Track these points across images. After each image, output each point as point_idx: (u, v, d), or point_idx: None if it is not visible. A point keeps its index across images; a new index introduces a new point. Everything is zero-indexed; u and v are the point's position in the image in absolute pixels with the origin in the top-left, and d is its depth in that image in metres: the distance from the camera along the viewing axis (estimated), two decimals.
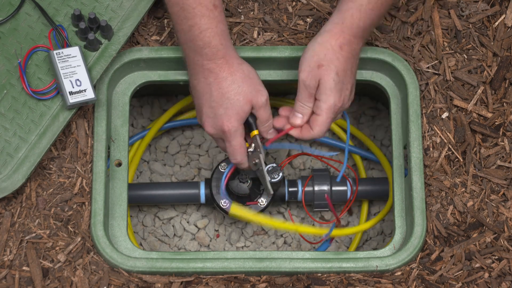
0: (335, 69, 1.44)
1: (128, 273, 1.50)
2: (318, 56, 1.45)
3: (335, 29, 1.45)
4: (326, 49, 1.45)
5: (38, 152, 1.50)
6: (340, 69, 1.45)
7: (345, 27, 1.45)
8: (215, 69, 1.44)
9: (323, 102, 1.45)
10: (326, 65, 1.44)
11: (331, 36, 1.45)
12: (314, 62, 1.45)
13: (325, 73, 1.44)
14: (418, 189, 1.53)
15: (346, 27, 1.45)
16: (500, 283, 1.49)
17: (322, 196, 1.72)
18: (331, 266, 1.51)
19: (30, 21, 1.54)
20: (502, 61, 1.60)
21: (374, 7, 1.45)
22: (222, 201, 1.70)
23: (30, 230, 1.50)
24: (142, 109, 1.92)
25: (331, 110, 1.45)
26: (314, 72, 1.44)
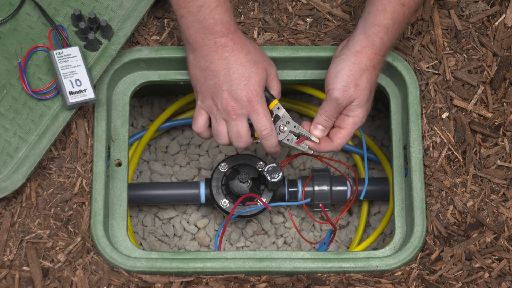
0: (370, 88, 1.47)
1: (128, 273, 1.50)
2: (355, 76, 1.46)
3: (368, 51, 1.47)
4: (361, 70, 1.46)
5: (38, 152, 1.50)
6: (373, 88, 1.49)
7: (377, 50, 1.47)
8: (229, 43, 1.45)
9: (352, 117, 1.48)
10: (363, 86, 1.46)
11: (365, 57, 1.47)
12: (351, 82, 1.46)
13: (361, 93, 1.46)
14: (418, 189, 1.53)
15: (378, 49, 1.47)
16: (500, 283, 1.49)
17: (322, 196, 1.72)
18: (331, 266, 1.51)
19: (30, 21, 1.54)
20: (502, 61, 1.60)
21: (399, 27, 1.48)
22: (222, 201, 1.70)
23: (30, 230, 1.50)
24: (142, 109, 1.92)
25: (356, 125, 1.49)
26: (350, 92, 1.46)
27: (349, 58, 1.47)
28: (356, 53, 1.47)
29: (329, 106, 1.48)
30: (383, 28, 1.46)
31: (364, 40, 1.47)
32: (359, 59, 1.46)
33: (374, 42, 1.47)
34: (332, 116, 1.49)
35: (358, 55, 1.47)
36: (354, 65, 1.46)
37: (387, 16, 1.46)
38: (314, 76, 1.63)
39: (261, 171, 1.70)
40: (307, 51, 1.60)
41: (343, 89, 1.46)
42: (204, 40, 1.45)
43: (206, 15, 1.43)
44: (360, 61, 1.46)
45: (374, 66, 1.47)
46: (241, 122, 1.47)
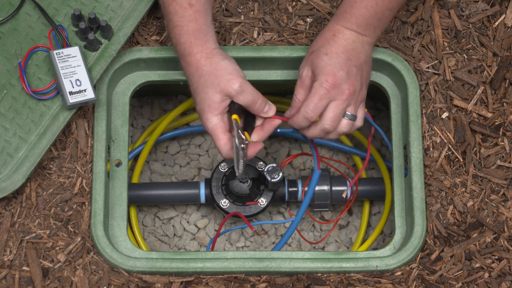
0: (324, 50, 1.44)
1: (128, 273, 1.50)
2: (313, 47, 1.47)
3: (330, 23, 1.48)
4: (320, 39, 1.47)
5: (38, 152, 1.50)
6: (331, 51, 1.44)
7: (338, 20, 1.47)
8: (185, 66, 1.46)
9: (316, 81, 1.43)
10: (317, 50, 1.45)
11: (326, 29, 1.48)
12: (309, 52, 1.47)
13: (315, 56, 1.44)
14: (418, 189, 1.53)
15: (339, 20, 1.46)
16: (500, 283, 1.49)
17: (322, 196, 1.72)
18: (331, 266, 1.51)
19: (30, 21, 1.54)
20: (502, 61, 1.60)
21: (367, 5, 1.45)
22: (222, 201, 1.70)
23: (30, 230, 1.50)
24: (142, 109, 1.92)
25: (321, 85, 1.42)
26: (307, 60, 1.46)
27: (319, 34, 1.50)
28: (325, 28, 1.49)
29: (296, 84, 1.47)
30: (350, 1, 1.46)
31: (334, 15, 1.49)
32: (320, 32, 1.48)
33: (338, 12, 1.47)
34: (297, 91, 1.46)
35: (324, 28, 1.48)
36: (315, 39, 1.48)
37: None
38: None
39: (261, 171, 1.70)
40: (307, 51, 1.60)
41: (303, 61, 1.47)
42: None
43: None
44: (319, 33, 1.48)
45: (333, 34, 1.45)
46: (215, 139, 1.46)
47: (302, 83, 1.46)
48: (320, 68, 1.43)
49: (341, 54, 1.44)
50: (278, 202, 1.81)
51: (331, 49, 1.44)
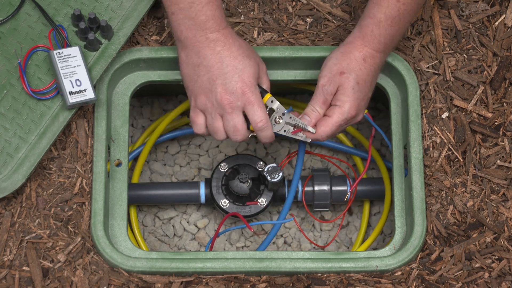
0: (356, 78, 1.46)
1: (128, 273, 1.50)
2: (341, 64, 1.47)
3: (357, 42, 1.48)
4: (349, 59, 1.47)
5: (38, 152, 1.50)
6: (361, 79, 1.47)
7: (367, 42, 1.47)
8: (221, 38, 1.45)
9: (339, 106, 1.47)
10: (348, 73, 1.46)
11: (354, 48, 1.48)
12: (336, 69, 1.47)
13: (346, 80, 1.46)
14: (418, 189, 1.53)
15: (368, 42, 1.47)
16: (500, 283, 1.49)
17: (322, 196, 1.72)
18: (331, 266, 1.51)
19: (30, 21, 1.54)
20: (502, 61, 1.60)
21: (393, 23, 1.47)
22: (222, 201, 1.70)
23: (30, 230, 1.50)
24: (142, 109, 1.92)
25: (343, 115, 1.47)
26: (335, 79, 1.46)
27: (340, 48, 1.49)
28: (346, 44, 1.48)
29: (316, 95, 1.48)
30: (375, 21, 1.47)
31: (356, 31, 1.49)
32: (347, 49, 1.48)
33: (365, 33, 1.47)
34: (318, 105, 1.48)
35: (347, 45, 1.48)
36: (342, 54, 1.48)
37: (380, 10, 1.46)
38: (314, 76, 1.63)
39: (261, 171, 1.70)
40: (307, 51, 1.60)
41: (329, 76, 1.47)
42: (196, 36, 1.45)
43: (198, 11, 1.44)
44: (348, 51, 1.47)
45: (364, 58, 1.47)
46: (237, 115, 1.46)
47: (325, 99, 1.47)
48: (347, 96, 1.46)
49: (368, 83, 1.48)
50: (278, 202, 1.81)
51: (362, 76, 1.47)
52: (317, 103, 1.48)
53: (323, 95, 1.47)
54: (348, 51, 1.48)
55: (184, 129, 1.86)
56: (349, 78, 1.46)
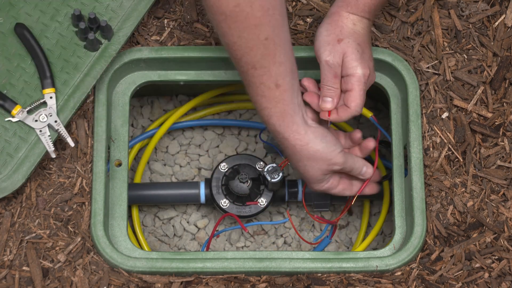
0: (355, 40, 1.45)
1: (128, 273, 1.50)
2: (335, 33, 1.45)
3: (342, 11, 1.47)
4: (340, 26, 1.46)
5: (38, 152, 1.50)
6: (359, 40, 1.46)
7: (351, 10, 1.46)
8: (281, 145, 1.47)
9: (352, 75, 1.45)
10: (345, 38, 1.45)
11: (340, 16, 1.47)
12: (332, 39, 1.45)
13: (347, 45, 1.44)
14: (418, 189, 1.53)
15: (352, 10, 1.46)
16: (500, 283, 1.49)
17: (322, 196, 1.72)
18: (331, 266, 1.51)
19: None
20: (502, 61, 1.60)
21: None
22: (222, 201, 1.70)
23: (30, 230, 1.50)
24: (142, 109, 1.92)
25: (361, 81, 1.45)
26: (335, 48, 1.45)
27: (325, 20, 1.47)
28: (331, 14, 1.47)
29: (324, 73, 1.46)
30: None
31: (339, 1, 1.47)
32: (334, 18, 1.46)
33: (348, 2, 1.46)
34: (331, 82, 1.46)
35: (332, 15, 1.47)
36: (329, 24, 1.46)
37: None
38: (314, 76, 1.63)
39: (261, 171, 1.70)
40: (307, 51, 1.60)
41: (328, 48, 1.45)
42: None
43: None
44: (335, 19, 1.46)
45: (353, 23, 1.46)
46: None
47: (335, 72, 1.46)
48: (356, 59, 1.44)
49: (366, 43, 1.47)
50: (278, 202, 1.81)
51: (359, 38, 1.46)
52: (329, 80, 1.46)
53: (332, 69, 1.45)
54: (335, 20, 1.46)
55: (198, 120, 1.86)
56: (349, 42, 1.44)
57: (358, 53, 1.45)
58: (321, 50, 1.46)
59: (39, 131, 1.50)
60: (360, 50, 1.45)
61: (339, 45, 1.45)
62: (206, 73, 1.63)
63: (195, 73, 1.63)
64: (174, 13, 1.63)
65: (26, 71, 1.52)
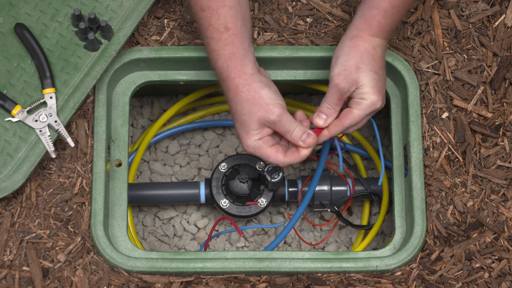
0: (373, 68, 1.45)
1: (128, 273, 1.50)
2: (354, 59, 1.45)
3: (364, 34, 1.46)
4: (361, 52, 1.45)
5: (38, 152, 1.50)
6: (377, 68, 1.46)
7: (374, 33, 1.46)
8: (224, 90, 1.46)
9: (364, 99, 1.45)
10: (364, 66, 1.44)
11: (362, 40, 1.46)
12: (351, 65, 1.44)
13: (364, 74, 1.44)
14: (418, 189, 1.53)
15: (375, 32, 1.46)
16: (500, 283, 1.49)
17: (322, 196, 1.72)
18: (331, 266, 1.51)
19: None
20: (502, 61, 1.60)
21: (398, 10, 1.46)
22: (222, 201, 1.70)
23: (30, 230, 1.50)
24: (142, 109, 1.92)
25: (370, 107, 1.45)
26: (351, 76, 1.44)
27: (346, 43, 1.46)
28: (353, 38, 1.46)
29: (331, 93, 1.46)
30: (381, 11, 1.45)
31: (361, 23, 1.46)
32: (356, 42, 1.45)
33: (371, 25, 1.46)
34: (334, 103, 1.46)
35: (355, 39, 1.46)
36: (351, 49, 1.45)
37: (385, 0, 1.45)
38: (314, 76, 1.63)
39: (261, 171, 1.70)
40: (307, 51, 1.60)
41: (344, 73, 1.44)
42: None
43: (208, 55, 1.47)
44: (357, 44, 1.45)
45: (374, 48, 1.46)
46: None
47: (341, 96, 1.45)
48: (371, 87, 1.44)
49: (382, 69, 1.47)
50: (278, 202, 1.81)
51: (377, 65, 1.46)
52: (332, 101, 1.46)
53: (340, 93, 1.45)
54: (357, 44, 1.45)
55: (183, 125, 1.86)
56: (367, 71, 1.44)
57: (373, 81, 1.45)
58: (335, 71, 1.45)
59: (39, 131, 1.50)
60: (376, 78, 1.45)
61: (356, 73, 1.44)
62: (206, 73, 1.63)
63: (195, 73, 1.63)
64: (174, 13, 1.63)
65: (26, 71, 1.52)
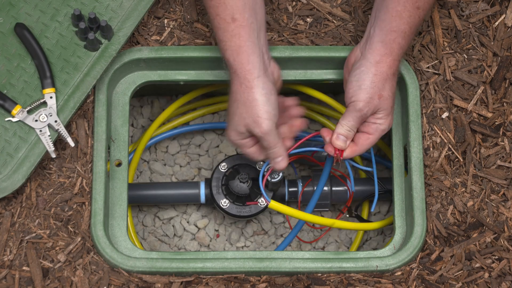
0: (392, 96, 1.48)
1: (128, 273, 1.50)
2: (378, 87, 1.46)
3: (387, 59, 1.46)
4: (384, 80, 1.46)
5: (38, 152, 1.50)
6: (394, 94, 1.50)
7: (396, 56, 1.47)
8: (229, 76, 1.46)
9: (380, 124, 1.48)
10: (387, 95, 1.46)
11: (385, 67, 1.46)
12: (374, 93, 1.46)
13: (385, 102, 1.47)
14: (418, 189, 1.53)
15: (396, 55, 1.47)
16: (500, 283, 1.49)
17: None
18: (331, 266, 1.51)
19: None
20: (502, 61, 1.60)
21: (415, 29, 1.48)
22: (222, 201, 1.70)
23: (30, 230, 1.50)
24: (142, 109, 1.92)
25: (384, 132, 1.49)
26: (373, 102, 1.46)
27: (370, 69, 1.46)
28: (376, 64, 1.46)
29: (352, 117, 1.47)
30: (401, 34, 1.46)
31: (383, 48, 1.46)
32: (380, 69, 1.46)
33: (392, 49, 1.46)
34: (355, 127, 1.48)
35: (378, 65, 1.46)
36: (376, 76, 1.46)
37: (404, 21, 1.45)
38: (314, 76, 1.63)
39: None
40: (307, 51, 1.60)
41: (368, 100, 1.45)
42: None
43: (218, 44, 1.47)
44: (381, 71, 1.46)
45: (393, 73, 1.48)
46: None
47: (362, 120, 1.47)
48: (388, 114, 1.48)
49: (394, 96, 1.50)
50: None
51: (393, 89, 1.48)
52: (353, 124, 1.47)
53: (361, 118, 1.47)
54: (381, 72, 1.46)
55: (184, 127, 1.86)
56: (388, 99, 1.47)
57: (390, 109, 1.48)
58: (360, 97, 1.46)
59: (39, 131, 1.50)
60: (393, 104, 1.49)
61: (379, 101, 1.46)
62: (206, 73, 1.63)
63: (195, 73, 1.63)
64: (174, 13, 1.63)
65: (26, 71, 1.52)
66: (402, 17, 1.45)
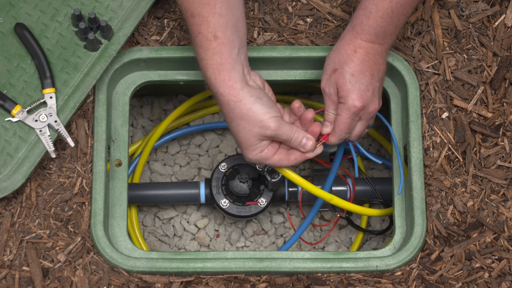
0: (349, 70, 1.45)
1: (128, 273, 1.50)
2: (334, 62, 1.47)
3: (348, 35, 1.48)
4: (340, 54, 1.47)
5: (38, 152, 1.50)
6: (355, 70, 1.46)
7: (356, 33, 1.47)
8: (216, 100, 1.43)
9: (343, 103, 1.46)
10: (340, 68, 1.46)
11: (344, 43, 1.48)
12: (330, 68, 1.47)
13: (340, 76, 1.46)
14: (418, 189, 1.53)
15: (357, 33, 1.47)
16: (500, 283, 1.49)
17: None
18: (331, 266, 1.51)
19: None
20: (502, 61, 1.60)
21: (384, 14, 1.46)
22: (222, 201, 1.70)
23: (30, 230, 1.50)
24: (142, 109, 1.92)
25: (350, 110, 1.45)
26: (330, 78, 1.46)
27: (333, 47, 1.50)
28: (339, 40, 1.49)
29: (324, 100, 1.49)
30: (366, 12, 1.46)
31: (348, 25, 1.49)
32: (339, 45, 1.48)
33: (354, 25, 1.47)
34: (329, 108, 1.48)
35: (339, 41, 1.49)
36: (334, 51, 1.48)
37: (372, 1, 1.46)
38: (314, 76, 1.63)
39: (261, 171, 1.70)
40: (307, 51, 1.60)
41: (325, 77, 1.47)
42: None
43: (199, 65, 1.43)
44: (339, 47, 1.48)
45: (354, 50, 1.46)
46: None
47: (331, 101, 1.48)
48: (347, 91, 1.45)
49: (366, 73, 1.46)
50: (278, 202, 1.81)
51: (356, 67, 1.46)
52: (329, 107, 1.48)
53: (328, 97, 1.48)
54: (339, 47, 1.48)
55: (184, 128, 1.86)
56: (342, 72, 1.45)
57: (350, 84, 1.45)
58: (322, 77, 1.49)
59: (39, 131, 1.50)
60: (353, 81, 1.45)
61: (334, 75, 1.46)
62: None
63: (195, 73, 1.63)
64: (174, 13, 1.63)
65: (26, 71, 1.52)
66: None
